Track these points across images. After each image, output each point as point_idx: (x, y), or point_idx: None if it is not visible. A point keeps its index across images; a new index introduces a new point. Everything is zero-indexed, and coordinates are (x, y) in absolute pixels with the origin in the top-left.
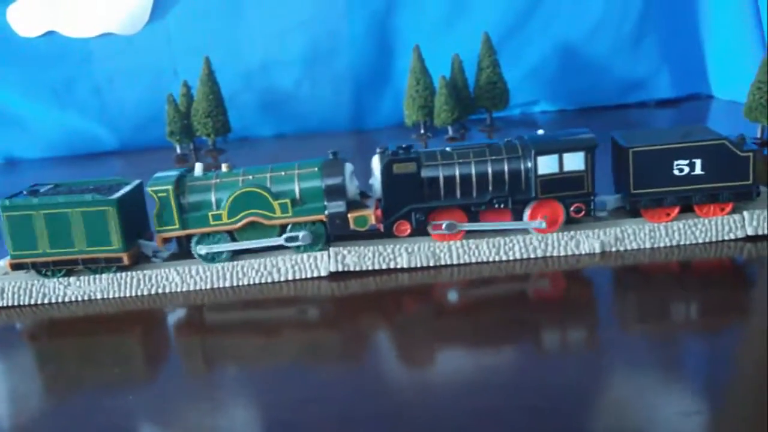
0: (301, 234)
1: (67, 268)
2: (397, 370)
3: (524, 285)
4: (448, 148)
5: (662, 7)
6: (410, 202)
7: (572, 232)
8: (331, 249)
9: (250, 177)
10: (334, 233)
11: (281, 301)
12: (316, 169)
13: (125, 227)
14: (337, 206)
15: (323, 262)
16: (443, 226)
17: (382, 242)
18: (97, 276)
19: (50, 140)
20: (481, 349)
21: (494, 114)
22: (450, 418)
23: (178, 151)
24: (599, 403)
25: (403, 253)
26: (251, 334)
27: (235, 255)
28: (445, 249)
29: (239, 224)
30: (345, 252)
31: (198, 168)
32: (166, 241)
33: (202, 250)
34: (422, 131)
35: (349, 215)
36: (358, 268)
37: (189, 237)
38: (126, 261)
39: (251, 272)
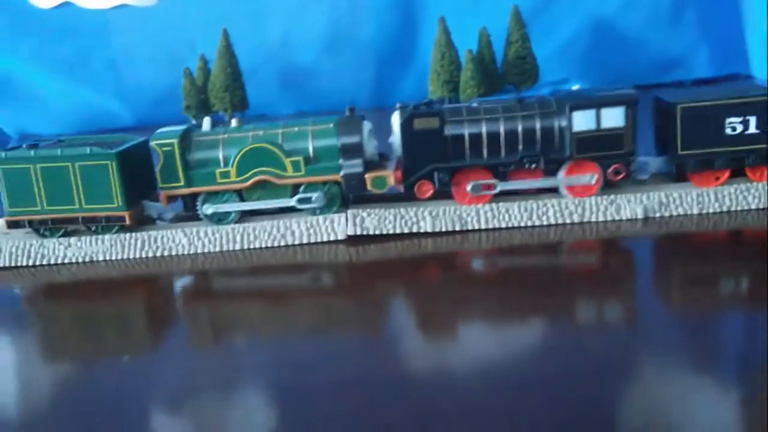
0: (314, 195)
1: (66, 228)
2: (414, 341)
3: (558, 253)
4: (474, 103)
5: None
6: (432, 161)
7: (612, 196)
8: (349, 211)
9: (261, 133)
10: (350, 194)
11: (294, 266)
12: (331, 125)
13: (127, 184)
14: (354, 166)
15: (340, 225)
16: (468, 186)
17: (404, 205)
18: (99, 237)
19: (64, 115)
20: (505, 322)
21: (522, 92)
22: (467, 393)
23: None
24: (629, 386)
25: (427, 217)
26: (262, 301)
27: (245, 216)
28: (472, 213)
29: (248, 183)
30: (364, 214)
31: (206, 123)
32: (171, 199)
33: (208, 209)
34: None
35: (366, 176)
36: (377, 232)
37: (195, 196)
38: (128, 220)
39: (263, 235)
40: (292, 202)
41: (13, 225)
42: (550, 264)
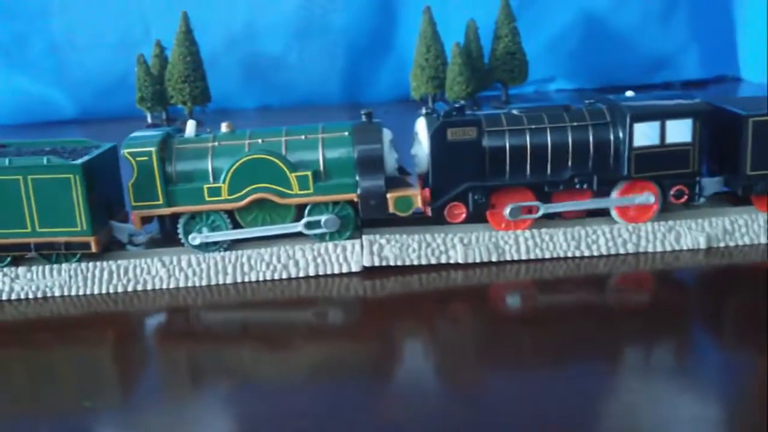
0: (324, 218)
1: (13, 255)
2: (434, 395)
3: (606, 288)
4: (515, 111)
5: None
6: (467, 179)
7: (670, 223)
8: (364, 237)
9: (259, 141)
10: (367, 218)
11: (297, 302)
12: (346, 133)
13: (93, 202)
14: (373, 183)
15: (355, 254)
16: (507, 210)
17: (429, 230)
18: (55, 267)
19: None
20: (543, 370)
21: (509, 90)
22: None
23: (149, 120)
24: None
25: (458, 245)
26: (253, 344)
27: (237, 242)
28: (510, 241)
29: (243, 202)
30: (383, 241)
31: (190, 127)
32: (146, 220)
33: (195, 238)
34: (430, 106)
35: (388, 195)
36: (399, 263)
37: (175, 217)
38: (94, 247)
39: (260, 265)
40: (298, 227)
41: None
42: (597, 301)
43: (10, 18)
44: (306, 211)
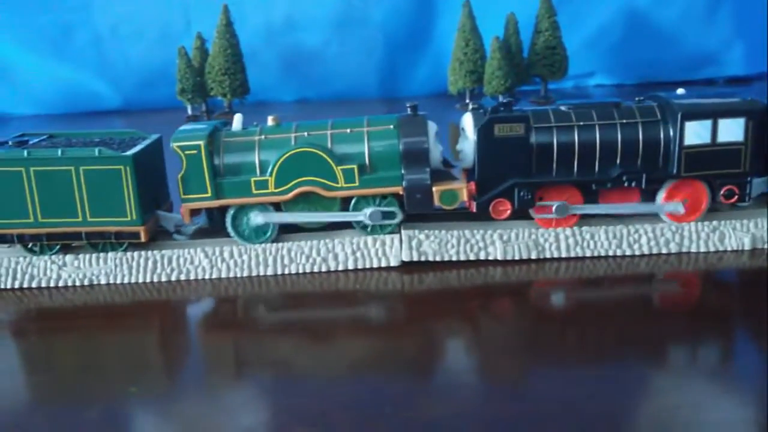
0: (368, 211)
1: (62, 243)
2: (477, 390)
3: (648, 288)
4: (563, 107)
5: None
6: (514, 175)
7: (714, 223)
8: (403, 232)
9: (305, 134)
10: (413, 211)
11: (337, 295)
12: (391, 126)
13: (142, 193)
14: (419, 176)
15: (394, 249)
16: (553, 207)
17: (468, 226)
18: (101, 255)
19: (44, 95)
20: (584, 368)
21: (548, 85)
22: None
23: (189, 111)
24: None
25: (497, 242)
26: (296, 336)
27: (280, 235)
28: (551, 238)
29: (290, 195)
30: (422, 237)
31: (236, 120)
32: (195, 212)
33: (257, 216)
34: (467, 101)
35: (434, 188)
36: (438, 258)
37: (223, 209)
38: (143, 236)
39: (300, 258)
40: (341, 216)
41: None
42: (639, 300)
43: (57, 9)
44: (351, 204)
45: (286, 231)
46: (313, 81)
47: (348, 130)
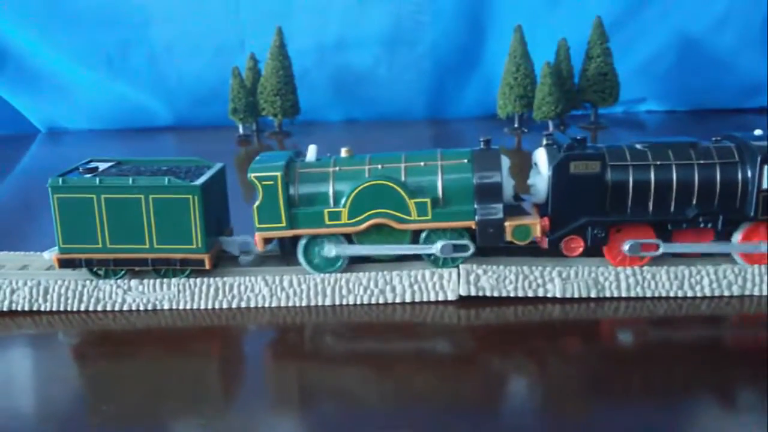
0: (440, 244)
1: (127, 269)
2: (540, 429)
3: (708, 330)
4: (638, 145)
5: None
6: (588, 213)
7: None
8: (461, 267)
9: (379, 166)
10: (485, 245)
11: (394, 327)
12: (465, 161)
13: (208, 221)
14: (492, 211)
15: (451, 283)
16: (626, 246)
17: (526, 261)
18: (165, 281)
19: (98, 111)
20: (651, 410)
21: (599, 110)
22: None
23: (241, 131)
24: None
25: (556, 279)
26: (357, 367)
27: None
28: (611, 277)
29: (363, 226)
30: (480, 272)
31: (311, 151)
32: (268, 241)
33: (332, 250)
34: (516, 125)
35: (506, 223)
36: (495, 294)
37: (295, 238)
38: (207, 264)
39: (358, 289)
40: (414, 249)
41: (65, 263)
42: (702, 342)
43: (114, 26)
44: (422, 237)
45: (356, 261)
46: (361, 102)
47: (422, 164)
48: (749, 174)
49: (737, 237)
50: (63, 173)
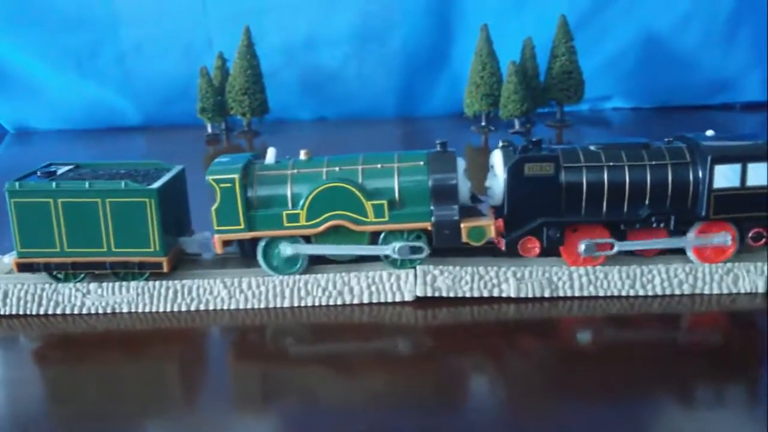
0: (397, 246)
1: (86, 272)
2: (497, 427)
3: (660, 328)
4: (592, 147)
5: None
6: (543, 214)
7: (728, 265)
8: (418, 268)
9: (336, 169)
10: (441, 246)
11: (353, 328)
12: (421, 163)
13: (166, 224)
14: (448, 212)
15: (408, 284)
16: (582, 246)
17: (482, 262)
18: (124, 284)
19: (67, 111)
20: (607, 407)
21: (564, 108)
22: None
23: (209, 130)
24: None
25: (510, 279)
26: (315, 366)
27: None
28: (564, 277)
29: (321, 228)
30: (436, 273)
31: (270, 154)
32: (227, 243)
33: (287, 248)
34: (483, 123)
35: (462, 225)
36: (451, 294)
37: (254, 240)
38: (165, 267)
39: (316, 291)
40: (371, 250)
41: (24, 267)
42: (652, 341)
43: (83, 28)
44: (380, 239)
45: (316, 263)
46: (331, 100)
47: (378, 166)
48: (700, 174)
49: (691, 235)
50: (21, 177)
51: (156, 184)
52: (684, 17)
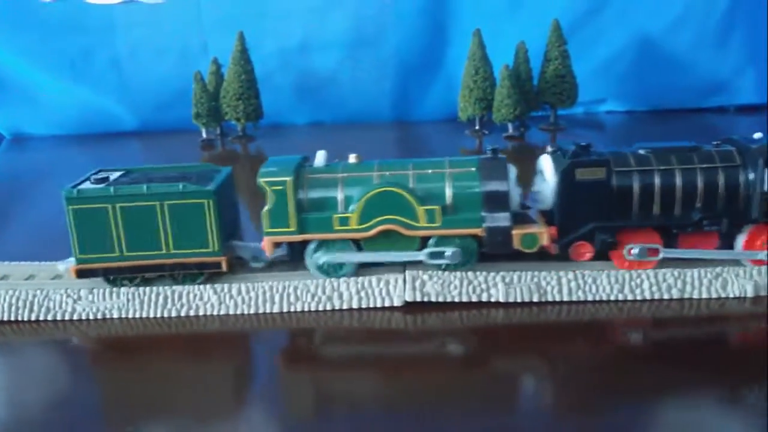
0: (449, 250)
1: (142, 276)
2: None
3: (643, 333)
4: (641, 151)
5: (751, 2)
6: (595, 219)
7: (717, 269)
8: (407, 273)
9: (388, 173)
10: (492, 252)
11: (343, 333)
12: (473, 169)
13: (222, 225)
14: (500, 219)
15: (397, 289)
16: (635, 250)
17: (471, 267)
18: (114, 291)
19: (63, 116)
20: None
21: (558, 111)
22: None
23: (204, 135)
24: None
25: (499, 284)
26: (308, 372)
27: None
28: (553, 282)
29: (372, 232)
30: (425, 277)
31: (319, 157)
32: (277, 246)
33: (320, 258)
34: (477, 127)
35: (513, 231)
36: (440, 299)
37: (304, 243)
38: (225, 267)
39: (306, 296)
40: (420, 256)
41: (84, 274)
42: (631, 346)
43: (78, 32)
44: (431, 243)
45: (364, 265)
46: (326, 104)
47: (429, 171)
48: (751, 177)
49: (741, 239)
50: (75, 184)
51: (212, 185)
52: (677, 20)
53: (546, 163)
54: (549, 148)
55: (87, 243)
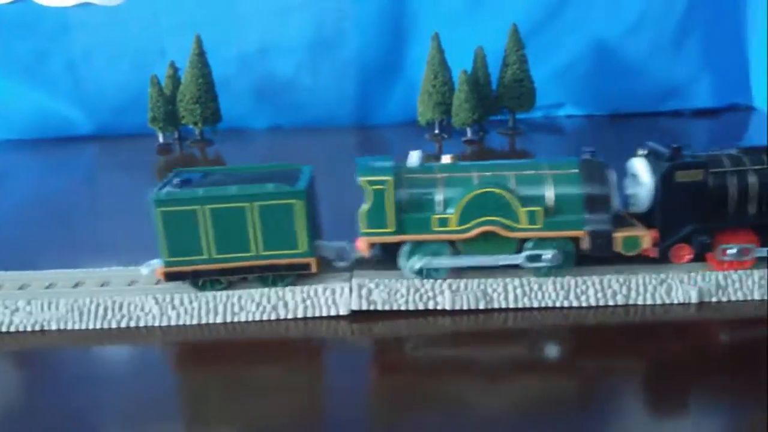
0: (550, 253)
1: (228, 279)
2: None
3: (582, 338)
4: (733, 151)
5: (706, 8)
6: (693, 221)
7: (662, 275)
8: (354, 281)
9: (488, 174)
10: (594, 255)
11: (288, 343)
12: (575, 171)
13: (310, 225)
14: (601, 221)
15: (343, 298)
16: (734, 250)
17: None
18: (53, 303)
19: (16, 120)
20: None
21: (517, 115)
22: None
23: (161, 139)
24: None
25: (446, 291)
26: (248, 384)
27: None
28: (499, 289)
29: (471, 233)
30: (372, 286)
31: (415, 156)
32: (372, 246)
33: (416, 263)
34: (436, 131)
35: (615, 234)
36: (387, 307)
37: (398, 244)
38: (313, 267)
39: (250, 305)
40: (519, 259)
41: (172, 276)
42: (589, 352)
43: (31, 35)
44: (527, 246)
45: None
46: (285, 108)
47: (530, 172)
48: None
49: None
50: (160, 187)
51: (302, 185)
52: (634, 26)
53: (640, 166)
54: (640, 151)
55: (176, 246)
